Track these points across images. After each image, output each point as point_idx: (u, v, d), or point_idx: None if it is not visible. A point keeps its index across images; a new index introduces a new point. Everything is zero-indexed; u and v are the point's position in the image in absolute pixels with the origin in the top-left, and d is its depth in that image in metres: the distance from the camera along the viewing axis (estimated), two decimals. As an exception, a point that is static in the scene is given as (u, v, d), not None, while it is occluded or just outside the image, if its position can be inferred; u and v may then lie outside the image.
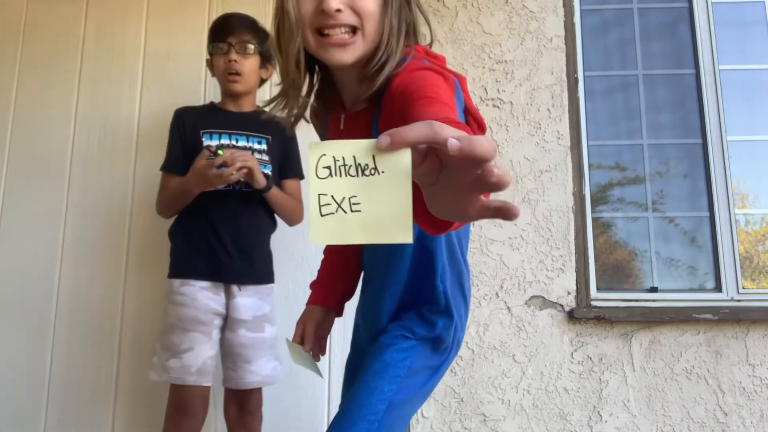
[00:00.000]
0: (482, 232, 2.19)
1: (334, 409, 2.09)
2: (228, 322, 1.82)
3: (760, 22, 2.47)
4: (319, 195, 0.60)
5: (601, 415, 2.09)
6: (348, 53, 0.91)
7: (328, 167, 0.59)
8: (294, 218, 1.93)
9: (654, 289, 2.24)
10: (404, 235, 0.59)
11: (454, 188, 0.61)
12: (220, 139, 1.84)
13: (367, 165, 0.58)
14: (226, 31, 1.82)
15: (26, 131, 2.29)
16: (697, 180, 2.34)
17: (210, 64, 1.92)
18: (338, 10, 0.88)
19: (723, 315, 2.11)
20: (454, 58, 2.30)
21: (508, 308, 2.14)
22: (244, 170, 1.66)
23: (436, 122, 0.55)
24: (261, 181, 1.71)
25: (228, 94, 1.89)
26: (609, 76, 2.45)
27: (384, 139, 0.55)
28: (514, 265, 2.17)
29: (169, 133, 1.90)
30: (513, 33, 2.33)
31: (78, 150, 2.23)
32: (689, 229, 2.33)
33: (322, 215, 0.60)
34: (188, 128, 1.86)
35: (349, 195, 0.59)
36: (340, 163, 0.59)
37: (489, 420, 2.09)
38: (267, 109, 1.04)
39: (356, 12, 0.89)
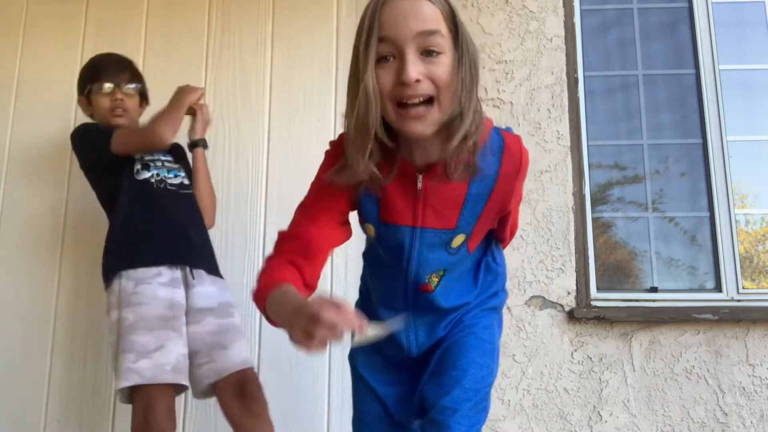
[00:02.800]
0: (482, 232, 2.19)
1: (334, 409, 2.09)
2: (191, 315, 1.71)
3: (760, 22, 2.47)
4: None
5: (601, 415, 2.09)
6: (427, 125, 0.96)
7: None
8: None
9: (654, 289, 2.24)
10: None
11: None
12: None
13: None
14: (109, 72, 1.86)
15: (26, 130, 2.29)
16: (697, 180, 2.34)
17: (85, 103, 1.90)
18: (417, 80, 0.92)
19: (723, 315, 2.11)
20: (454, 58, 2.31)
21: (508, 308, 2.14)
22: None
23: None
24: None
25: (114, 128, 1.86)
26: (609, 76, 2.45)
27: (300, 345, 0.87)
28: (514, 265, 2.17)
29: (93, 133, 1.85)
30: (513, 33, 2.33)
31: (78, 150, 2.23)
32: (689, 229, 2.33)
33: None
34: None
35: None
36: None
37: (489, 420, 2.08)
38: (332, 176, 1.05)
39: (433, 81, 0.94)
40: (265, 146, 2.27)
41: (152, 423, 1.53)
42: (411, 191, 1.04)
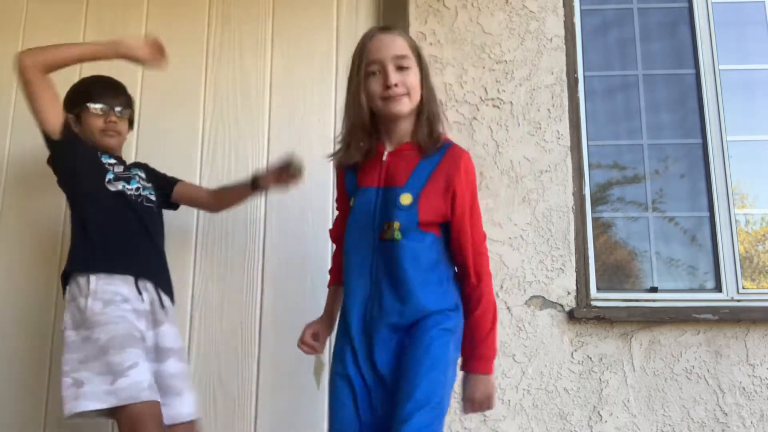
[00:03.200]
0: (482, 232, 2.19)
1: (334, 409, 2.09)
2: (157, 353, 1.71)
3: (760, 22, 2.47)
4: None
5: (601, 415, 2.09)
6: (404, 105, 1.45)
7: None
8: None
9: (654, 289, 2.24)
10: None
11: None
12: (110, 158, 1.85)
13: None
14: (105, 95, 1.86)
15: (26, 131, 2.28)
16: (697, 180, 2.34)
17: (74, 122, 1.84)
18: (396, 84, 1.43)
19: (723, 315, 2.11)
20: (454, 58, 2.31)
21: (508, 308, 2.14)
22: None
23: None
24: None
25: (102, 147, 1.87)
26: (609, 76, 2.45)
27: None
28: (514, 265, 2.17)
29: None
30: (513, 33, 2.33)
31: (78, 150, 2.22)
32: (689, 229, 2.33)
33: None
34: (83, 143, 1.82)
35: None
36: None
37: (489, 420, 2.09)
38: (330, 155, 1.59)
39: (405, 85, 1.44)
40: (265, 146, 2.27)
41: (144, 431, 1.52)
42: (378, 164, 1.49)
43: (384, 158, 1.48)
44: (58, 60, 1.73)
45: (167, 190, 2.01)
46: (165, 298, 1.80)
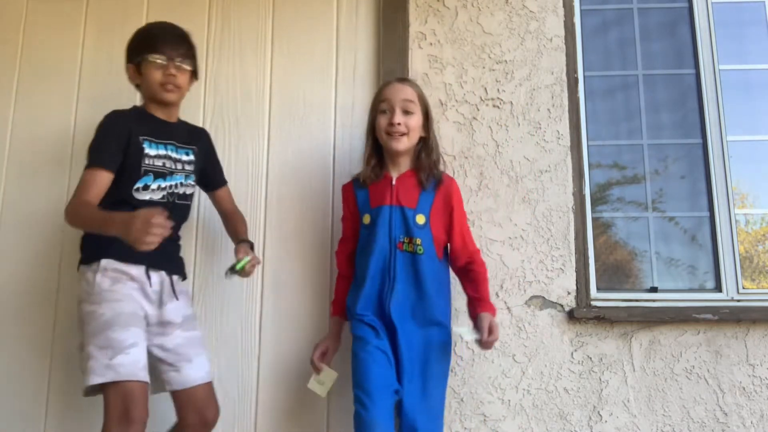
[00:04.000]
0: (482, 232, 2.19)
1: (334, 410, 2.09)
2: (159, 327, 1.77)
3: (760, 22, 2.47)
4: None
5: (601, 415, 2.09)
6: (402, 144, 1.84)
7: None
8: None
9: (654, 289, 2.24)
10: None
11: None
12: (158, 148, 1.81)
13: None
14: (165, 44, 1.80)
15: (26, 130, 2.29)
16: (697, 180, 2.33)
17: (134, 72, 1.85)
18: (399, 123, 1.82)
19: (723, 315, 2.11)
20: (454, 58, 2.31)
21: (508, 308, 2.14)
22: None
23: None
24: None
25: (157, 102, 1.85)
26: (609, 76, 2.45)
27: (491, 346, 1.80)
28: (514, 265, 2.17)
29: (101, 132, 1.78)
30: (513, 33, 2.33)
31: (78, 150, 2.23)
32: (689, 229, 2.33)
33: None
34: (127, 132, 1.77)
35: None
36: None
37: (489, 420, 2.09)
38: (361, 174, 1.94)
39: (407, 126, 1.84)
40: (265, 146, 2.27)
41: (133, 411, 1.54)
42: (388, 186, 1.87)
43: (393, 182, 1.86)
44: (82, 227, 1.72)
45: (209, 188, 2.04)
46: (176, 279, 1.85)
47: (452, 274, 1.97)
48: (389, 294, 1.78)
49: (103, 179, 1.71)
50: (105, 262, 1.69)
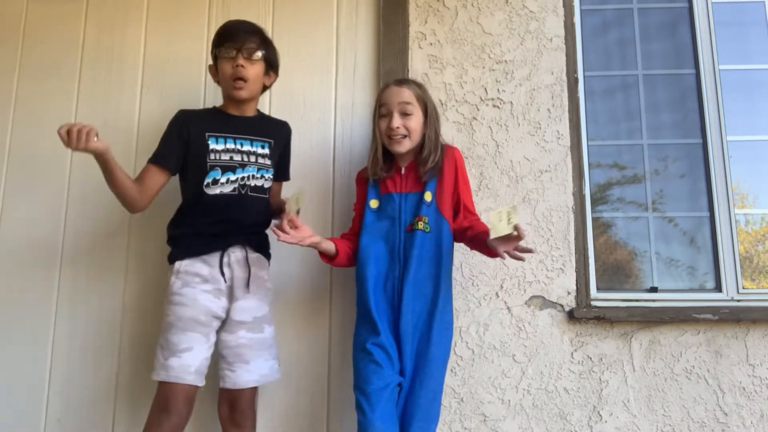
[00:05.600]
0: (482, 232, 2.18)
1: (334, 409, 2.09)
2: (226, 324, 1.84)
3: (760, 22, 2.47)
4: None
5: (601, 415, 2.09)
6: (403, 146, 1.89)
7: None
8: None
9: (654, 289, 2.24)
10: None
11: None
12: (225, 143, 1.88)
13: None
14: (234, 37, 1.87)
15: (26, 131, 2.29)
16: (697, 180, 2.34)
17: (214, 70, 1.95)
18: (398, 127, 1.87)
19: (723, 315, 2.11)
20: (454, 58, 2.31)
21: (508, 308, 2.14)
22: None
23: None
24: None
25: (232, 100, 1.92)
26: (609, 76, 2.45)
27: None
28: (514, 265, 2.17)
29: (168, 129, 1.90)
30: (513, 33, 2.33)
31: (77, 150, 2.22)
32: (689, 229, 2.33)
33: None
34: (192, 130, 1.88)
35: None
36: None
37: (489, 420, 2.09)
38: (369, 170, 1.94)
39: (407, 128, 1.88)
40: (265, 146, 2.27)
41: (171, 407, 1.69)
42: (398, 177, 1.92)
43: (402, 172, 1.92)
44: (127, 202, 1.81)
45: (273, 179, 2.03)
46: (255, 260, 1.89)
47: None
48: (401, 275, 1.80)
49: (154, 174, 1.84)
50: (178, 265, 1.82)
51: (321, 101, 2.29)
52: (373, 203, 1.91)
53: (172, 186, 1.93)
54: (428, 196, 1.85)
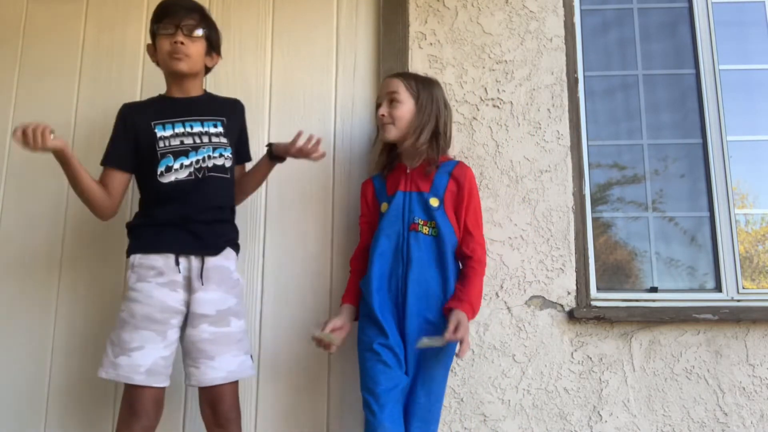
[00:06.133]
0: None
1: (334, 409, 2.09)
2: (189, 318, 1.75)
3: (760, 22, 2.47)
4: None
5: (601, 415, 2.09)
6: (388, 133, 1.93)
7: None
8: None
9: (654, 289, 2.24)
10: None
11: None
12: (173, 128, 1.80)
13: None
14: (172, 13, 1.79)
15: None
16: (697, 180, 2.34)
17: (152, 49, 1.87)
18: (382, 115, 1.92)
19: (723, 315, 2.11)
20: (454, 58, 2.31)
21: (508, 308, 2.14)
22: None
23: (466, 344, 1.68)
24: None
25: (172, 76, 1.85)
26: (609, 76, 2.45)
27: (464, 353, 1.67)
28: (514, 265, 2.17)
29: (114, 127, 1.85)
30: (513, 33, 2.33)
31: (78, 150, 2.22)
32: (689, 229, 2.33)
33: None
34: (137, 121, 1.81)
35: None
36: None
37: (489, 420, 2.09)
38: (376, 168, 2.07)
39: (392, 116, 1.91)
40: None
41: (139, 409, 1.65)
42: (403, 176, 1.93)
43: (408, 171, 1.92)
44: (92, 206, 1.80)
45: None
46: (212, 261, 1.78)
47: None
48: (404, 274, 1.79)
49: (114, 177, 1.81)
50: (133, 258, 1.76)
51: (321, 101, 2.29)
52: (384, 207, 1.93)
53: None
54: (434, 201, 1.85)
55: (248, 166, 2.05)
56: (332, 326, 1.81)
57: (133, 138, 1.81)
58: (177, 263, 1.74)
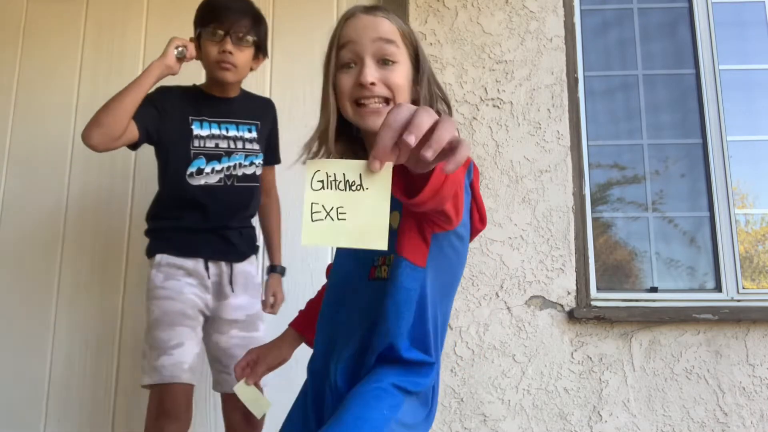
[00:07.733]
0: (482, 233, 2.18)
1: (334, 409, 2.09)
2: (216, 323, 1.72)
3: (760, 22, 2.47)
4: (311, 204, 0.72)
5: (601, 415, 2.08)
6: (380, 117, 1.01)
7: (321, 181, 0.74)
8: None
9: (654, 289, 2.24)
10: (380, 243, 0.72)
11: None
12: (210, 128, 1.72)
13: (354, 182, 0.73)
14: (225, 17, 1.64)
15: (26, 130, 2.29)
16: (697, 180, 2.33)
17: (196, 44, 1.70)
18: (372, 83, 1.01)
19: (723, 315, 2.11)
20: (454, 58, 2.31)
21: (508, 308, 2.14)
22: None
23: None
24: None
25: (216, 82, 1.74)
26: (609, 76, 2.45)
27: (374, 163, 0.73)
28: (514, 265, 2.17)
29: (145, 100, 1.61)
30: (513, 33, 2.33)
31: (78, 149, 2.23)
32: (689, 229, 2.33)
33: (312, 221, 0.72)
34: (173, 110, 1.69)
35: (337, 205, 0.72)
36: (332, 178, 0.73)
37: (489, 420, 2.09)
38: (304, 153, 1.18)
39: (388, 86, 1.02)
40: (265, 146, 2.27)
41: (173, 410, 1.55)
42: None
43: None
44: (118, 121, 1.53)
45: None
46: (239, 268, 1.74)
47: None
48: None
49: (131, 126, 1.59)
50: (159, 257, 1.68)
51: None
52: None
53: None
54: (394, 216, 0.99)
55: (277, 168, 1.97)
56: (245, 362, 1.36)
57: (161, 115, 1.67)
58: (206, 268, 1.70)
